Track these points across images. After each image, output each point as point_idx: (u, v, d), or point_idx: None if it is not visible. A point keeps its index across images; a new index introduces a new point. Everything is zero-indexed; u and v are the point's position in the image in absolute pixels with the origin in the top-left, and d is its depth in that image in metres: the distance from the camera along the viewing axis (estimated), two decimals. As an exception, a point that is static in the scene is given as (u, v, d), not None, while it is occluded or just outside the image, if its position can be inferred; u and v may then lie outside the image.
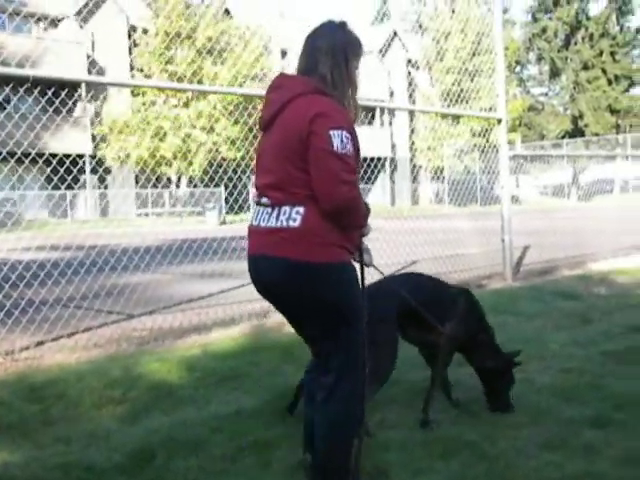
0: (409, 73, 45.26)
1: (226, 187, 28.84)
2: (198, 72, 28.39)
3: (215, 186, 30.19)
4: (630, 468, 3.20)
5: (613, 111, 51.93)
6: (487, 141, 40.71)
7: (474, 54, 41.39)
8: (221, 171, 26.21)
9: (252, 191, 2.81)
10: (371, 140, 34.44)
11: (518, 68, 60.35)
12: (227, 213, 30.48)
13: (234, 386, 4.46)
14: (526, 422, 3.77)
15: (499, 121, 8.37)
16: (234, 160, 27.81)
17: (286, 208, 2.63)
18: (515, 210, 28.02)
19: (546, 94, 63.13)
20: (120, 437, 3.63)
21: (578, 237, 12.27)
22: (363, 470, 2.99)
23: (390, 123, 45.23)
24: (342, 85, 2.75)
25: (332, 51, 2.73)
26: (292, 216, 2.61)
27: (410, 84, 42.73)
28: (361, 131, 2.88)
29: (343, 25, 2.85)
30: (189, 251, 8.40)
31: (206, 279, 8.96)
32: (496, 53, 8.37)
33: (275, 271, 2.65)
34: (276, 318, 6.06)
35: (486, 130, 40.57)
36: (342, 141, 2.57)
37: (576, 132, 53.25)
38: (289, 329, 5.82)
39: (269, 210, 2.69)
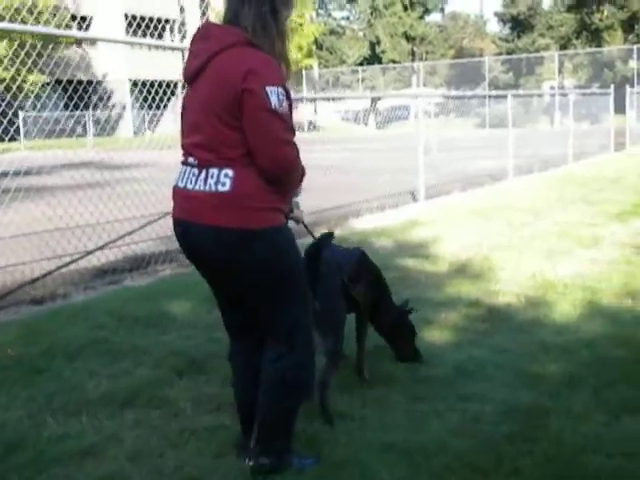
0: (201, -11, 42.75)
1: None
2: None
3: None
4: None
5: (409, 38, 52.48)
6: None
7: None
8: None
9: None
10: (160, 62, 32.24)
11: (319, -10, 59.49)
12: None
13: None
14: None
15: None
16: (2, 81, 24.90)
17: (214, 170, 2.49)
18: (311, 138, 27.10)
19: (348, 18, 63.04)
20: None
21: (358, 176, 11.37)
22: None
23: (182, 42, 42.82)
24: (268, 38, 2.54)
25: (256, 2, 2.52)
26: (221, 179, 2.47)
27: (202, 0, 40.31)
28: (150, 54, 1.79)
29: None
30: None
31: None
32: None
33: (206, 240, 2.51)
34: None
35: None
36: (279, 98, 2.44)
37: (374, 58, 53.44)
38: None
39: (195, 171, 2.54)
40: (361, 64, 53.29)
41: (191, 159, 2.57)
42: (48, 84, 29.89)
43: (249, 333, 2.85)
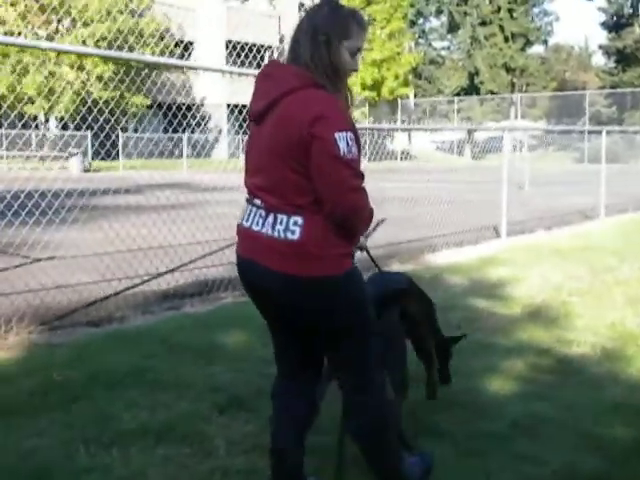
0: (302, 18, 43.29)
1: (97, 130, 26.09)
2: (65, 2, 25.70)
3: (84, 128, 27.71)
4: None
5: (509, 69, 51.64)
6: (378, 95, 39.84)
7: (368, 3, 40.03)
8: (95, 112, 23.96)
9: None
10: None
11: (421, 20, 59.47)
12: (94, 159, 28.32)
13: None
14: None
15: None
16: (109, 101, 26.01)
17: (282, 217, 2.44)
18: (403, 167, 26.88)
19: (448, 48, 62.72)
20: None
21: (442, 208, 11.02)
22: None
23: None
24: (325, 73, 2.47)
25: (312, 34, 2.48)
26: (290, 227, 2.42)
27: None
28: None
29: (330, 1, 2.56)
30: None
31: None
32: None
33: (273, 284, 2.47)
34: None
35: (378, 82, 39.74)
36: (348, 144, 2.36)
37: (472, 89, 52.83)
38: None
39: (262, 213, 2.49)
40: (458, 94, 52.77)
41: (257, 201, 2.53)
42: (150, 107, 30.80)
43: (302, 370, 2.77)
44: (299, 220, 2.41)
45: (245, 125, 8.71)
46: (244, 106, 9.04)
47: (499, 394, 4.00)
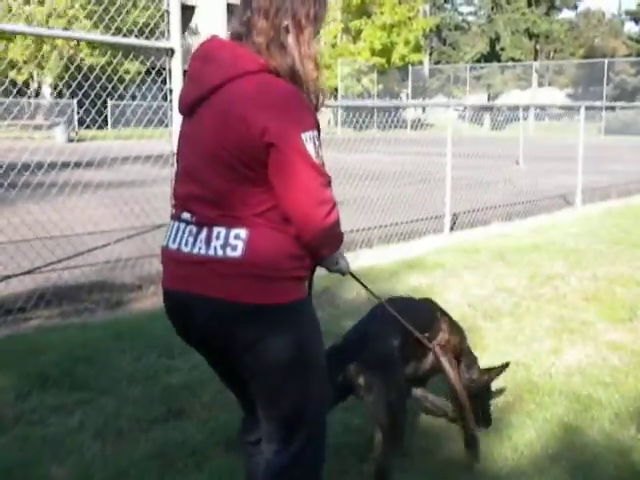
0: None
1: (86, 97, 24.90)
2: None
3: (72, 96, 26.71)
4: None
5: (531, 35, 49.47)
6: (388, 61, 38.22)
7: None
8: (80, 78, 22.95)
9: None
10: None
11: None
12: (82, 127, 27.32)
13: None
14: None
15: (170, 52, 5.54)
16: (100, 67, 25.00)
17: (220, 230, 1.94)
18: (411, 137, 25.49)
19: (475, 13, 60.72)
20: None
21: (409, 190, 9.66)
22: None
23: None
24: (288, 60, 1.95)
25: (275, 11, 1.93)
26: (230, 242, 1.93)
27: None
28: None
29: None
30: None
31: None
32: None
33: (208, 315, 1.96)
34: None
35: (387, 48, 37.95)
36: (314, 145, 1.90)
37: (492, 56, 50.77)
38: None
39: (193, 229, 1.99)
40: (479, 61, 50.77)
41: (186, 214, 2.03)
42: (147, 73, 29.73)
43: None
44: (241, 233, 1.94)
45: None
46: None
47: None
